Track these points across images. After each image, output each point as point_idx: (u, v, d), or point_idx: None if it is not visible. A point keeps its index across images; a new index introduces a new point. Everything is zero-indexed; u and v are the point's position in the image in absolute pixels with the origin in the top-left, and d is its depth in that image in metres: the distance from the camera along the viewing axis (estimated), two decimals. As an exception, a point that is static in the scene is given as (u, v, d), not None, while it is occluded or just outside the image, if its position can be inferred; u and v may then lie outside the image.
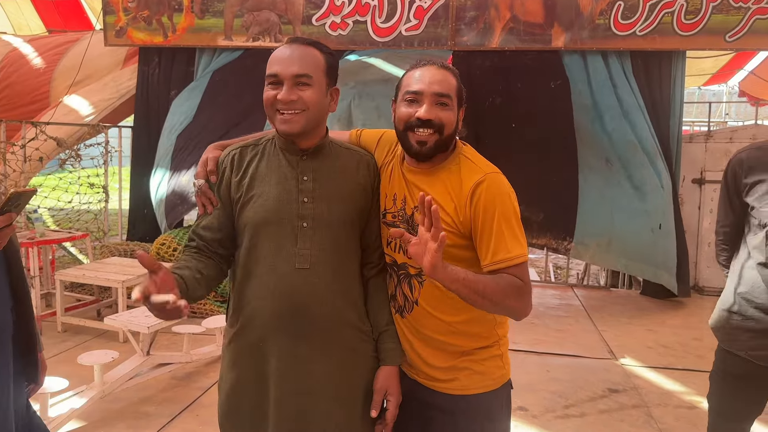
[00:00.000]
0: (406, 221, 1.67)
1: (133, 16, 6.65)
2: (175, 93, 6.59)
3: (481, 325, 1.68)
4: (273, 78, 1.60)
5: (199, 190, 1.70)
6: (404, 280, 1.70)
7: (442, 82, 1.61)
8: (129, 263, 5.12)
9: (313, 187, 1.65)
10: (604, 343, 4.82)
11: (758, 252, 2.04)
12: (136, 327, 3.57)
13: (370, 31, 6.26)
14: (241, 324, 1.67)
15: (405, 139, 1.63)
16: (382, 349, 1.74)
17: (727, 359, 2.16)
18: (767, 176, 2.01)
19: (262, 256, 1.64)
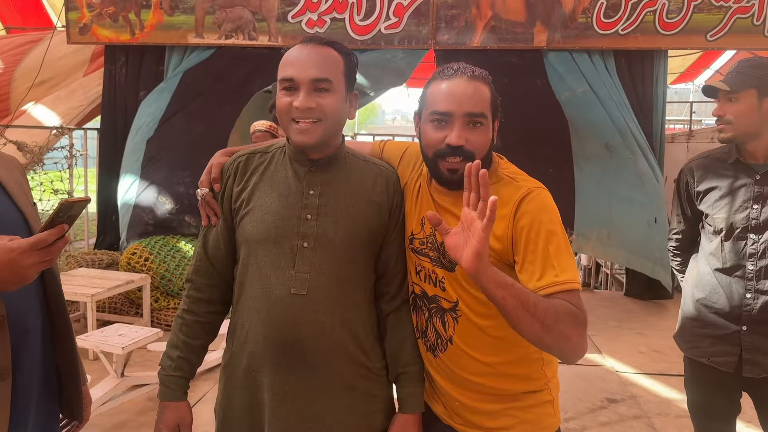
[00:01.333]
0: (436, 249, 1.46)
1: (98, 13, 6.31)
2: (144, 93, 6.26)
3: (527, 366, 1.48)
4: (288, 82, 1.41)
5: (203, 199, 1.54)
6: (436, 315, 1.49)
7: (474, 98, 1.39)
8: (98, 275, 4.83)
9: (318, 202, 1.46)
10: (596, 349, 4.72)
11: (714, 258, 2.08)
12: (110, 348, 3.31)
13: (349, 29, 6.04)
14: (235, 347, 1.51)
15: (434, 166, 1.44)
16: (401, 395, 1.56)
17: (693, 367, 2.17)
18: (718, 183, 2.07)
19: (257, 276, 1.46)
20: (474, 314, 1.44)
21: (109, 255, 5.60)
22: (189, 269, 1.58)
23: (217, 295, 1.56)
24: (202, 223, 1.56)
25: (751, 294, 1.99)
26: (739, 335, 2.01)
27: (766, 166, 1.99)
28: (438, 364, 1.52)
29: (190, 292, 1.56)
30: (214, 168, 1.55)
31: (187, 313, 1.55)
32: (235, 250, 1.54)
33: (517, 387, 1.48)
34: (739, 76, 1.95)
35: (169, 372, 1.53)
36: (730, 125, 1.97)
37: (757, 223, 1.98)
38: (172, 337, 1.55)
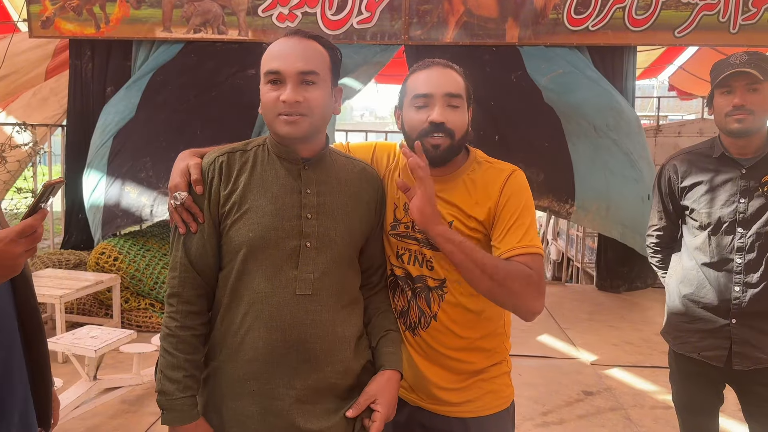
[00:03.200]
0: (423, 231, 1.53)
1: (61, 6, 6.12)
2: (112, 89, 6.10)
3: (494, 340, 1.63)
4: (274, 75, 1.37)
5: (183, 204, 1.41)
6: (421, 293, 1.57)
7: (452, 82, 1.54)
8: (65, 275, 4.69)
9: (317, 201, 1.43)
10: (570, 342, 4.77)
11: (701, 253, 2.10)
12: (82, 351, 3.22)
13: (320, 23, 5.99)
14: (224, 356, 1.42)
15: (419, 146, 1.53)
16: (382, 353, 1.53)
17: (680, 361, 2.19)
18: (704, 178, 2.08)
19: (256, 281, 1.40)
20: (459, 290, 1.56)
21: (76, 255, 5.44)
22: (172, 282, 1.44)
23: (207, 305, 1.47)
24: (180, 230, 1.43)
25: (739, 287, 2.01)
26: (729, 329, 2.03)
27: (752, 160, 2.01)
28: (416, 342, 1.60)
29: (179, 306, 1.42)
30: (192, 169, 1.43)
31: (182, 329, 1.41)
32: (220, 256, 1.45)
33: (485, 361, 1.62)
34: (758, 67, 1.91)
35: (177, 395, 1.39)
36: (752, 116, 1.93)
37: (744, 216, 2.00)
38: (170, 359, 1.40)
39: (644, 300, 6.06)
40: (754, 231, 1.99)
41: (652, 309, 5.70)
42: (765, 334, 2.00)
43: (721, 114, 2.00)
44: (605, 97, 5.70)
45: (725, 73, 1.94)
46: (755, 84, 1.93)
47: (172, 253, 1.46)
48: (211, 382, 1.46)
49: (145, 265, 4.97)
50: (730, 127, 1.98)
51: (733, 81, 1.95)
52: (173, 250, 1.45)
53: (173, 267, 1.44)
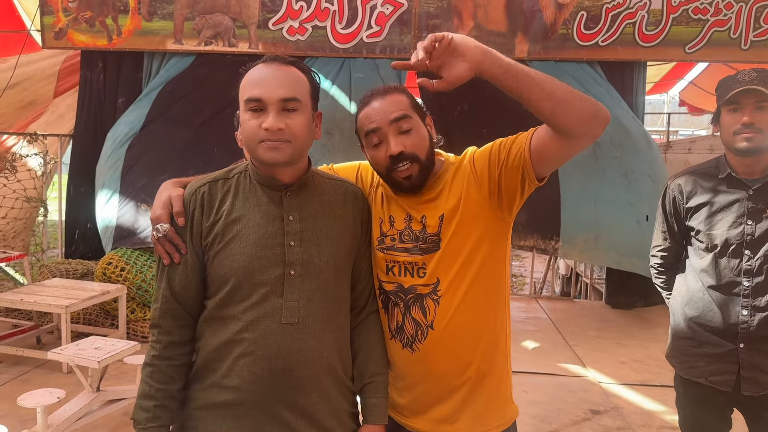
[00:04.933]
0: (414, 238, 1.54)
1: (74, 17, 6.19)
2: (123, 101, 6.14)
3: (498, 346, 1.59)
4: (255, 103, 1.35)
5: (165, 236, 1.40)
6: (414, 303, 1.54)
7: (394, 106, 1.51)
8: (71, 285, 4.70)
9: (300, 228, 1.42)
10: (578, 359, 4.71)
11: (707, 275, 2.05)
12: (85, 362, 3.21)
13: (330, 37, 6.01)
14: (210, 383, 1.41)
15: (391, 180, 1.55)
16: (365, 405, 1.54)
17: (687, 387, 2.14)
18: (709, 199, 2.04)
19: (241, 310, 1.39)
20: (453, 290, 1.52)
21: (84, 264, 5.45)
22: (154, 313, 1.44)
23: (189, 335, 1.45)
24: (164, 261, 1.42)
25: (747, 311, 1.96)
26: (737, 353, 1.98)
27: (759, 181, 1.97)
28: (416, 360, 1.56)
29: (159, 337, 1.43)
30: (174, 201, 1.42)
31: (158, 359, 1.41)
32: (206, 286, 1.44)
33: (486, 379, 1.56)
34: (767, 85, 1.88)
35: (146, 425, 1.40)
36: (761, 134, 1.90)
37: (752, 239, 1.96)
38: (144, 387, 1.42)
39: (654, 316, 5.99)
40: (762, 253, 1.95)
41: (662, 326, 5.61)
42: None
43: (729, 132, 1.96)
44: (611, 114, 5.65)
45: (734, 90, 1.91)
46: (764, 102, 1.90)
47: (156, 283, 1.45)
48: (192, 405, 1.44)
49: (151, 276, 4.97)
50: (738, 145, 1.94)
51: (742, 98, 1.91)
52: (157, 281, 1.45)
53: (156, 298, 1.44)
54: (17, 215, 6.29)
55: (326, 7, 5.97)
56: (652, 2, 5.91)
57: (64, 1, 6.18)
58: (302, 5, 5.98)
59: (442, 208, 1.53)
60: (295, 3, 5.99)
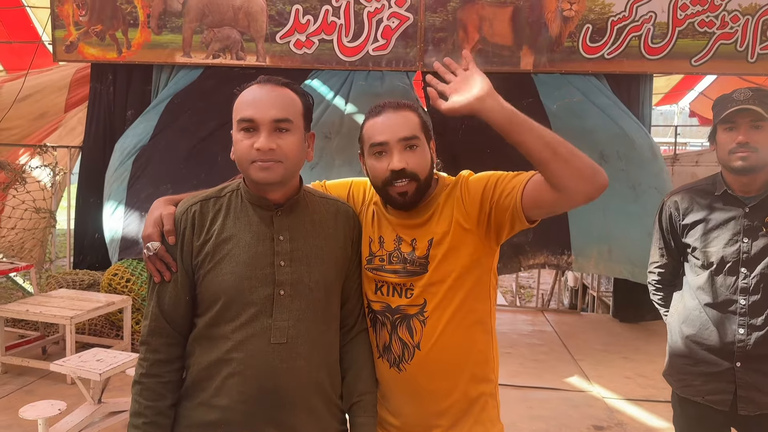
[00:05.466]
0: (402, 260, 1.55)
1: (85, 31, 6.28)
2: (132, 113, 6.21)
3: (485, 367, 1.61)
4: (248, 123, 1.37)
5: (156, 254, 1.41)
6: (401, 324, 1.56)
7: (405, 125, 1.53)
8: (77, 296, 4.73)
9: (290, 248, 1.43)
10: (583, 374, 4.68)
11: (703, 293, 2.05)
12: (87, 374, 3.23)
13: (337, 50, 6.06)
14: (199, 401, 1.42)
15: (386, 194, 1.56)
16: (353, 424, 1.55)
17: (684, 406, 2.13)
18: (706, 216, 2.03)
19: (230, 329, 1.40)
20: (440, 311, 1.54)
21: (91, 275, 5.49)
22: (143, 331, 1.46)
23: (178, 352, 1.46)
24: (154, 279, 1.44)
25: (744, 330, 1.95)
26: (734, 372, 1.97)
27: (755, 198, 1.97)
28: (402, 379, 1.57)
29: (147, 354, 1.44)
30: (165, 219, 1.44)
31: (146, 376, 1.43)
32: (196, 304, 1.45)
33: (475, 389, 1.58)
34: (762, 105, 1.88)
35: None
36: (756, 153, 1.90)
37: (748, 256, 1.95)
38: (134, 405, 1.44)
39: (662, 330, 5.83)
40: (759, 272, 1.94)
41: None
42: None
43: (725, 150, 1.96)
44: (616, 125, 5.62)
45: (729, 109, 1.91)
46: (759, 121, 1.89)
47: (147, 301, 1.47)
48: (183, 423, 1.45)
49: (157, 287, 4.99)
50: (733, 164, 1.94)
51: (737, 117, 1.91)
52: (148, 298, 1.46)
53: (145, 316, 1.46)
54: (26, 226, 6.35)
55: (333, 20, 6.01)
56: (657, 15, 5.91)
57: (76, 15, 6.28)
58: (309, 19, 6.04)
59: (432, 233, 1.55)
60: (302, 17, 6.04)
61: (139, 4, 6.22)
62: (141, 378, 1.43)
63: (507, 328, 5.98)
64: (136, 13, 6.23)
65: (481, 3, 6.00)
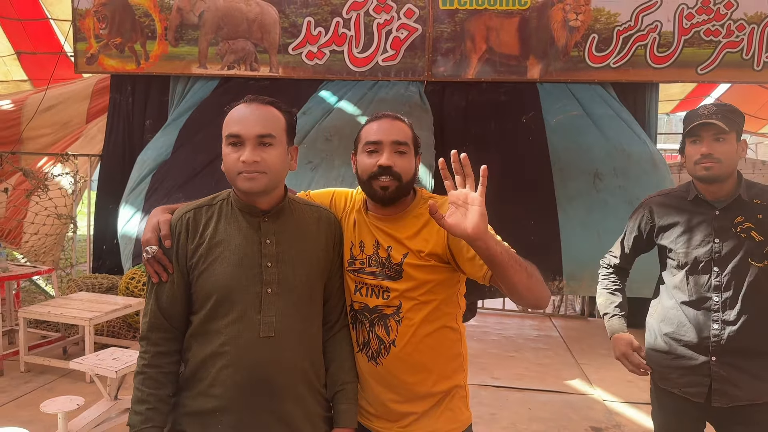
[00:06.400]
0: (380, 264, 1.70)
1: (105, 43, 6.52)
2: (150, 122, 6.45)
3: (453, 362, 1.76)
4: (234, 138, 1.52)
5: (154, 257, 1.56)
6: (379, 322, 1.70)
7: (399, 131, 1.70)
8: (96, 298, 4.94)
9: (276, 250, 1.58)
10: (585, 378, 4.77)
11: (680, 292, 2.18)
12: (104, 371, 3.40)
13: (347, 61, 6.22)
14: (197, 391, 1.57)
15: (369, 187, 1.70)
16: (337, 410, 1.69)
17: (661, 398, 2.25)
18: (680, 219, 2.17)
19: (223, 324, 1.54)
20: (414, 313, 1.68)
21: (109, 279, 5.71)
22: (142, 327, 1.59)
23: (175, 346, 1.60)
24: (153, 280, 1.58)
25: (718, 325, 2.08)
26: (709, 366, 2.09)
27: (724, 202, 2.10)
28: (378, 372, 1.72)
29: (148, 348, 1.57)
30: (162, 225, 1.58)
31: (148, 367, 1.56)
32: (191, 302, 1.59)
33: (444, 384, 1.73)
34: (725, 119, 2.03)
35: (140, 427, 1.52)
36: (719, 164, 2.04)
37: (719, 256, 2.08)
38: (136, 394, 1.55)
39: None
40: (729, 270, 2.06)
41: (674, 346, 5.62)
42: (743, 372, 2.06)
43: (691, 161, 2.10)
44: (613, 141, 5.69)
45: (693, 123, 2.05)
46: (721, 134, 2.04)
47: (146, 300, 1.62)
48: (182, 410, 1.59)
49: (172, 291, 5.18)
50: (698, 174, 2.08)
51: (701, 131, 2.05)
52: (147, 297, 1.61)
53: (145, 313, 1.61)
54: (48, 231, 6.60)
55: (344, 32, 6.19)
56: (663, 25, 5.99)
57: (96, 28, 6.52)
58: (321, 31, 6.22)
59: (408, 247, 1.68)
60: (314, 29, 6.22)
61: (156, 17, 6.45)
62: (143, 369, 1.57)
63: (513, 333, 6.08)
64: (154, 26, 6.46)
65: (488, 13, 6.13)
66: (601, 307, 2.44)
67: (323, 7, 6.19)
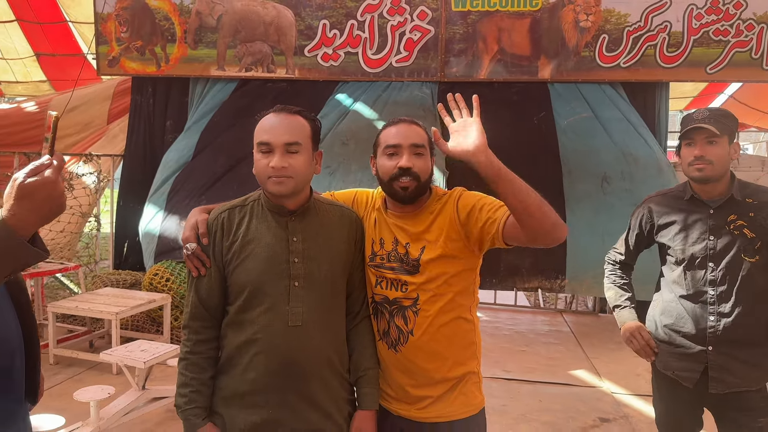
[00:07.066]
0: (399, 260, 1.84)
1: (126, 47, 6.71)
2: (171, 123, 6.64)
3: (467, 350, 1.89)
4: (265, 146, 1.68)
5: (193, 253, 1.73)
6: (398, 313, 1.85)
7: (416, 135, 1.84)
8: (121, 293, 5.13)
9: (302, 247, 1.73)
10: (594, 371, 4.89)
11: (678, 286, 2.32)
12: (133, 362, 3.59)
13: (362, 62, 6.37)
14: (233, 375, 1.74)
15: (390, 187, 1.83)
16: (359, 394, 1.84)
17: (660, 382, 2.41)
18: (676, 218, 2.31)
19: (255, 315, 1.71)
20: (430, 305, 1.82)
21: (133, 275, 5.90)
22: (185, 317, 1.77)
23: (214, 334, 1.77)
24: (192, 274, 1.75)
25: (714, 317, 2.22)
26: (706, 355, 2.24)
27: (718, 201, 2.24)
28: (397, 359, 1.87)
29: (190, 336, 1.75)
30: (200, 224, 1.76)
31: (190, 354, 1.73)
32: (227, 294, 1.75)
33: (458, 370, 1.86)
34: (717, 123, 2.17)
35: (185, 407, 1.71)
36: (711, 165, 2.18)
37: (714, 252, 2.23)
38: (181, 378, 1.73)
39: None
40: (724, 265, 2.21)
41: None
42: (738, 361, 2.20)
43: (686, 163, 2.25)
44: (621, 144, 5.81)
45: (687, 127, 2.20)
46: (713, 137, 2.18)
47: (187, 293, 1.80)
48: (219, 394, 1.77)
49: (193, 286, 5.36)
50: (692, 174, 2.23)
51: (695, 134, 2.20)
52: (188, 290, 1.79)
53: (186, 305, 1.79)
54: (72, 229, 6.81)
55: (358, 34, 6.33)
56: (672, 25, 6.07)
57: (118, 32, 6.71)
58: (336, 33, 6.37)
59: (425, 241, 1.83)
60: (329, 31, 6.37)
61: (176, 20, 6.63)
62: (186, 355, 1.75)
63: (525, 328, 6.21)
64: (174, 29, 6.64)
65: (500, 15, 6.25)
66: (611, 300, 2.56)
67: (338, 10, 6.35)
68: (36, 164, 1.23)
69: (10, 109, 7.37)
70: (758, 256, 2.18)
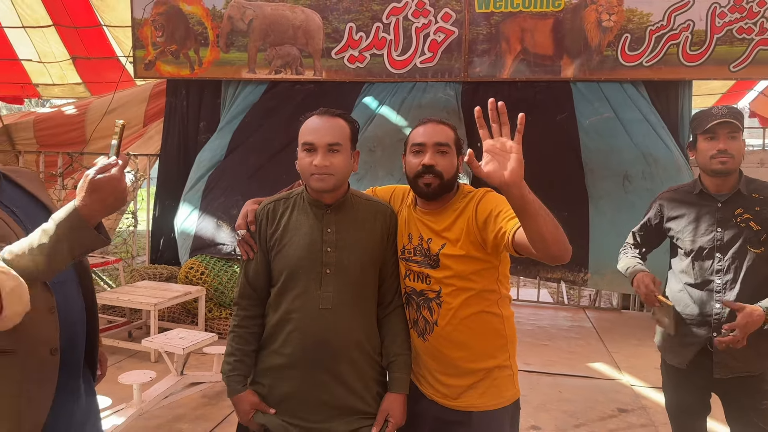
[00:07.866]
0: (423, 254, 1.96)
1: (162, 51, 6.99)
2: (204, 124, 6.91)
3: (494, 342, 1.96)
4: (309, 146, 1.86)
5: (243, 239, 1.96)
6: (424, 305, 1.96)
7: (441, 134, 1.94)
8: (158, 286, 5.40)
9: (335, 238, 1.91)
10: (615, 365, 4.99)
11: (686, 275, 2.46)
12: (172, 348, 3.82)
13: (387, 63, 6.54)
14: (273, 349, 1.94)
15: (415, 184, 1.95)
16: (391, 378, 1.99)
17: (670, 371, 2.55)
18: (686, 211, 2.46)
19: (292, 296, 1.90)
20: (452, 298, 1.90)
21: (168, 269, 6.18)
22: (235, 294, 2.00)
23: (259, 311, 1.98)
24: (243, 257, 1.96)
25: (719, 304, 2.36)
26: (711, 341, 2.36)
27: (726, 195, 2.38)
28: (426, 347, 1.99)
29: (239, 311, 1.98)
30: (249, 213, 1.97)
31: (238, 327, 1.96)
32: (271, 276, 1.95)
33: (486, 364, 1.94)
34: (737, 119, 2.30)
35: (229, 374, 1.92)
36: (733, 159, 2.31)
37: (721, 243, 2.37)
38: (228, 348, 1.96)
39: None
40: (730, 255, 2.34)
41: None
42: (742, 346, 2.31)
43: (706, 156, 2.36)
44: (641, 146, 5.89)
45: (712, 122, 2.32)
46: (735, 132, 2.32)
47: (239, 274, 2.02)
48: (260, 365, 1.97)
49: (227, 280, 5.62)
50: (714, 167, 2.34)
51: (717, 129, 2.32)
52: (240, 271, 2.01)
53: (237, 284, 2.01)
54: (110, 225, 7.13)
55: (383, 36, 6.51)
56: (695, 23, 6.11)
57: (153, 36, 7.00)
58: (362, 35, 6.56)
59: (445, 239, 1.93)
60: (355, 33, 6.57)
61: (209, 25, 6.89)
62: (234, 329, 1.98)
63: (547, 323, 6.32)
64: (207, 33, 6.90)
65: (522, 15, 6.36)
66: (623, 268, 2.63)
67: (364, 13, 6.53)
68: (104, 163, 1.44)
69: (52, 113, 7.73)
70: (763, 247, 2.31)
